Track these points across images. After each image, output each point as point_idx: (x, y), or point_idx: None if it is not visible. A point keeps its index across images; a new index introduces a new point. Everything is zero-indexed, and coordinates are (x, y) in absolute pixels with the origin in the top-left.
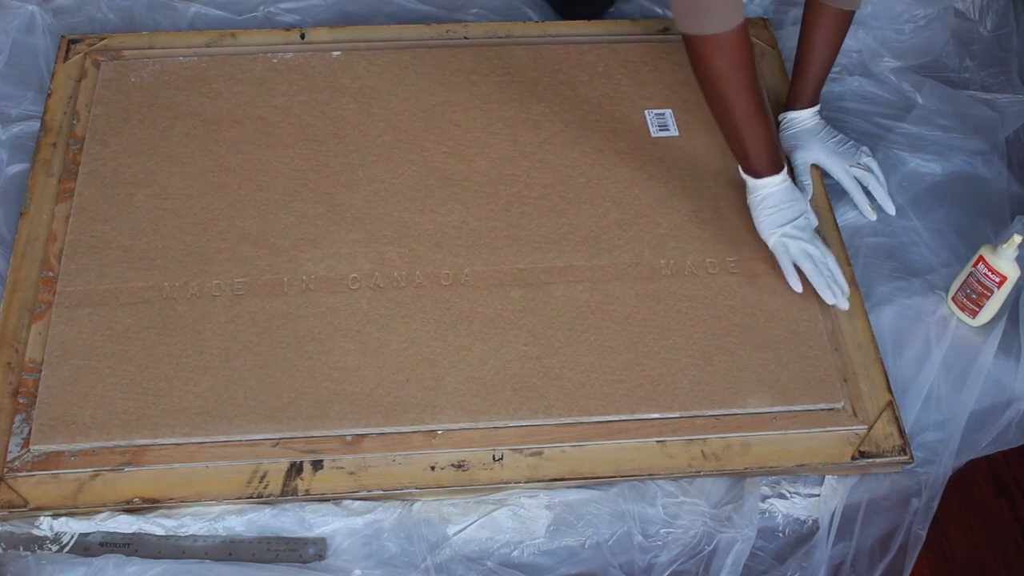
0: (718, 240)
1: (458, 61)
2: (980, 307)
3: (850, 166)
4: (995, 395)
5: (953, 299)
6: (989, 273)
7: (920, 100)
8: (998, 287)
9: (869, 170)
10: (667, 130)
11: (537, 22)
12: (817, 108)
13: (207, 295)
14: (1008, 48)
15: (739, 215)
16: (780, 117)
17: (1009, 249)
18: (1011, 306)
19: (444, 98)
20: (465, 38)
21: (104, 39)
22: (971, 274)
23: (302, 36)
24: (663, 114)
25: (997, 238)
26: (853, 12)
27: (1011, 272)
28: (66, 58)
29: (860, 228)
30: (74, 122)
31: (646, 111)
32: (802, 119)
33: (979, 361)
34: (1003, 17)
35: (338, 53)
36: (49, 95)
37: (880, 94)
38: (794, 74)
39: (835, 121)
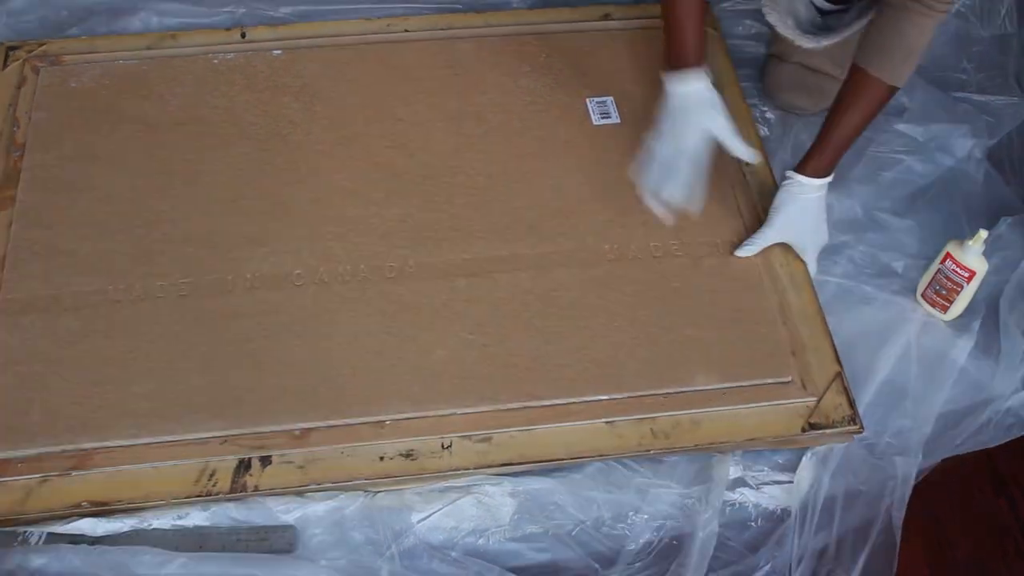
0: (661, 224)
1: (399, 56)
2: (951, 302)
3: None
4: (973, 395)
5: (923, 296)
6: (957, 269)
7: (911, 101)
8: (967, 282)
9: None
10: (609, 118)
11: (479, 13)
12: (827, 181)
13: (152, 297)
14: (1007, 51)
15: None
16: (786, 173)
17: (976, 244)
18: (988, 304)
19: (386, 93)
20: (406, 31)
21: (43, 45)
22: (939, 271)
23: (243, 35)
24: (604, 102)
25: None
26: (893, 89)
27: (979, 267)
28: (4, 65)
29: (843, 224)
30: (15, 129)
31: (587, 99)
32: (807, 189)
33: (951, 354)
34: (1004, 19)
35: (279, 52)
36: None
37: None
38: (817, 138)
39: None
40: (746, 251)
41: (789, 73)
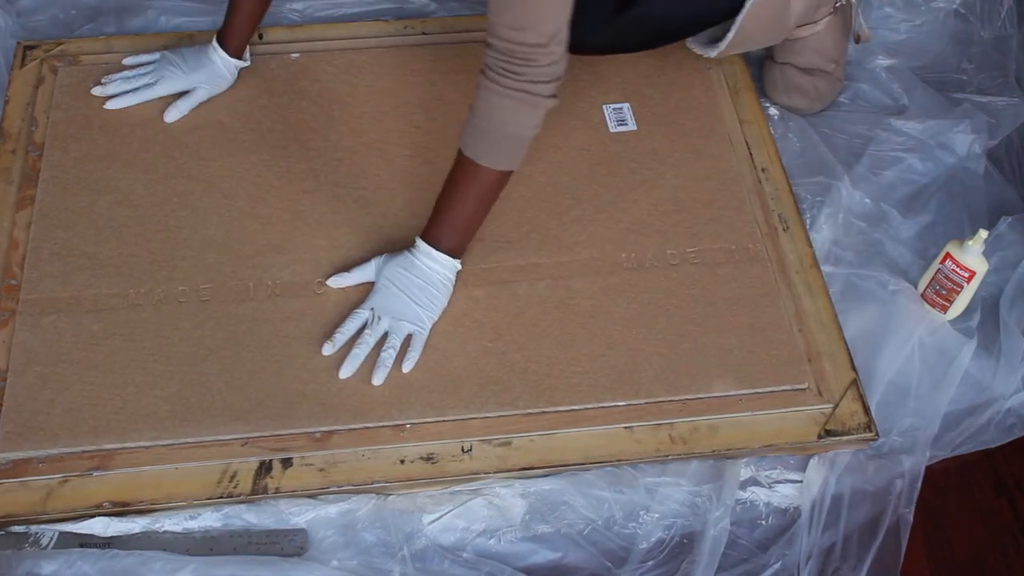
0: (678, 232)
1: (416, 60)
2: (951, 302)
3: None
4: (974, 395)
5: (922, 296)
6: (957, 269)
7: (911, 101)
8: (967, 282)
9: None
10: (625, 124)
11: None
12: (447, 260)
13: (173, 301)
14: (1007, 52)
15: (698, 207)
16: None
17: (976, 245)
18: (988, 304)
19: (404, 99)
20: (423, 34)
21: (61, 44)
22: (939, 271)
23: (260, 36)
24: (621, 108)
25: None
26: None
27: (979, 267)
28: (23, 64)
29: (844, 222)
30: (33, 129)
31: (604, 106)
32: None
33: (955, 353)
34: (1004, 20)
35: (296, 55)
36: (7, 102)
37: (872, 93)
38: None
39: (825, 120)
40: (337, 282)
41: (781, 74)
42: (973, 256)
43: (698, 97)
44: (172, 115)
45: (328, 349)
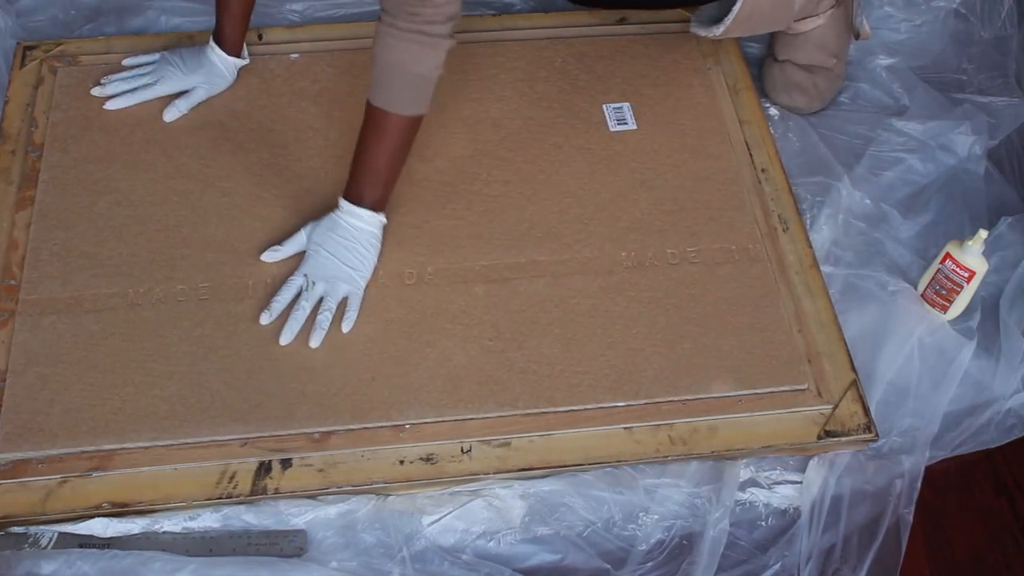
0: (678, 231)
1: None
2: (950, 302)
3: None
4: (973, 395)
5: (922, 296)
6: (957, 269)
7: (911, 101)
8: (967, 282)
9: None
10: (625, 124)
11: (494, 16)
12: (370, 215)
13: (172, 300)
14: (1007, 51)
15: (698, 206)
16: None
17: (975, 244)
18: (988, 304)
19: None
20: None
21: (60, 44)
22: (939, 271)
23: (260, 37)
24: (621, 108)
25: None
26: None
27: (979, 267)
28: (22, 64)
29: (843, 223)
30: (32, 129)
31: (604, 105)
32: (346, 214)
33: (954, 353)
34: (1004, 20)
35: (296, 56)
36: (6, 102)
37: (872, 93)
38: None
39: (825, 120)
40: (270, 256)
41: (781, 72)
42: (973, 256)
43: (698, 97)
44: (171, 114)
45: (265, 318)
